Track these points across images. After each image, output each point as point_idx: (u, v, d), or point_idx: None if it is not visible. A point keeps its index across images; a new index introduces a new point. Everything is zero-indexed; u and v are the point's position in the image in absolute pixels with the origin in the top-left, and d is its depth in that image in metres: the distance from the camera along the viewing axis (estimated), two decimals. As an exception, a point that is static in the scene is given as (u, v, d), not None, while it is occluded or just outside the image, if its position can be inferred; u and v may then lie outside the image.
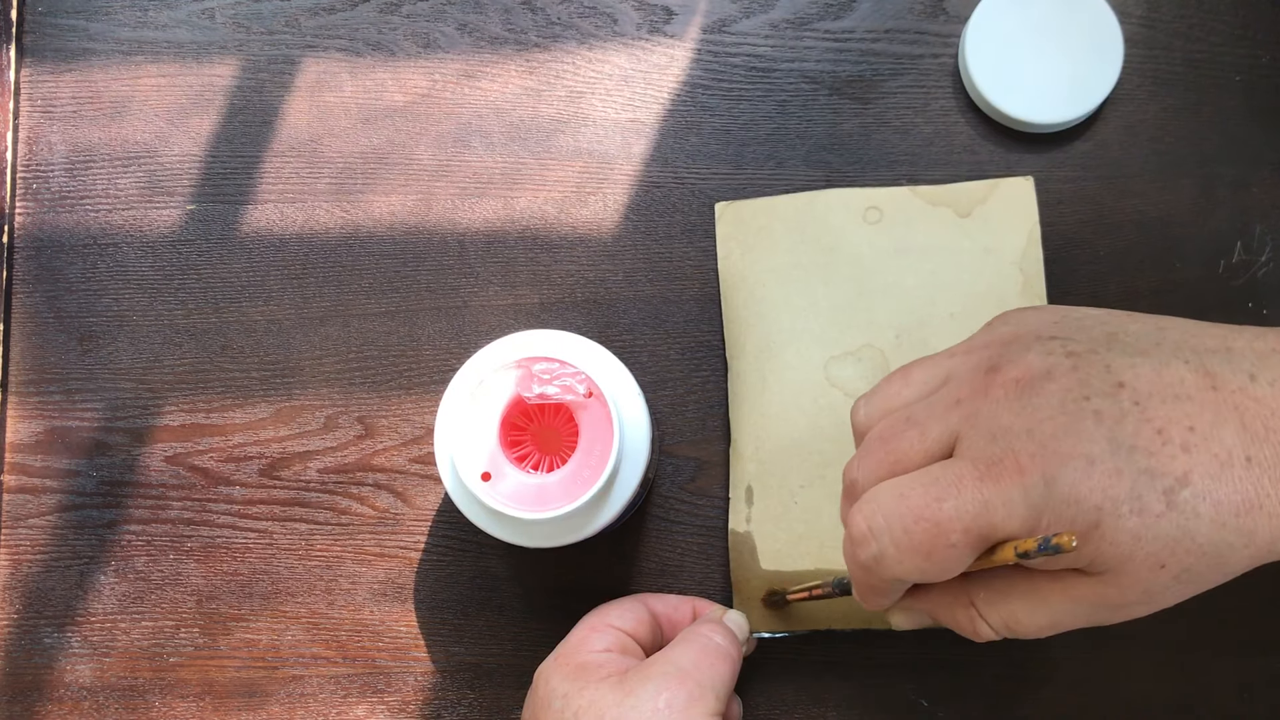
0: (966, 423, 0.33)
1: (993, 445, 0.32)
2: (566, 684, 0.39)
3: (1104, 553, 0.31)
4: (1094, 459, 0.31)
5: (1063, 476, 0.31)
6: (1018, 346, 0.34)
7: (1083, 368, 0.32)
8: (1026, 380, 0.33)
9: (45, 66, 0.52)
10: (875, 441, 0.36)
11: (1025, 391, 0.32)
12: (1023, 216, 0.47)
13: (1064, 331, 0.34)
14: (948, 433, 0.34)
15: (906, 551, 0.33)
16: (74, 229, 0.51)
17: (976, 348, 0.35)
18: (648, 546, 0.48)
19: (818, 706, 0.47)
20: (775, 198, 0.49)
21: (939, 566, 0.33)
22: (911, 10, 0.50)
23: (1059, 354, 0.33)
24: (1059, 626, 0.35)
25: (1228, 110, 0.49)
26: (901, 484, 0.33)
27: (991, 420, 0.32)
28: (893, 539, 0.33)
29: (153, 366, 0.50)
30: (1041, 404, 0.32)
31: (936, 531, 0.32)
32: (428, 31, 0.51)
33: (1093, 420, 0.31)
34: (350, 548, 0.49)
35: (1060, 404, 0.32)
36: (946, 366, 0.36)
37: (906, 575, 0.34)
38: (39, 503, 0.50)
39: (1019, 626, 0.35)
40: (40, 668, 0.49)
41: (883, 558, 0.33)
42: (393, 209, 0.50)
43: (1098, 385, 0.32)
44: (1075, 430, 0.31)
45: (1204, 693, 0.47)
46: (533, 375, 0.41)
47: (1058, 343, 0.33)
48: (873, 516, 0.34)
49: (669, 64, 0.51)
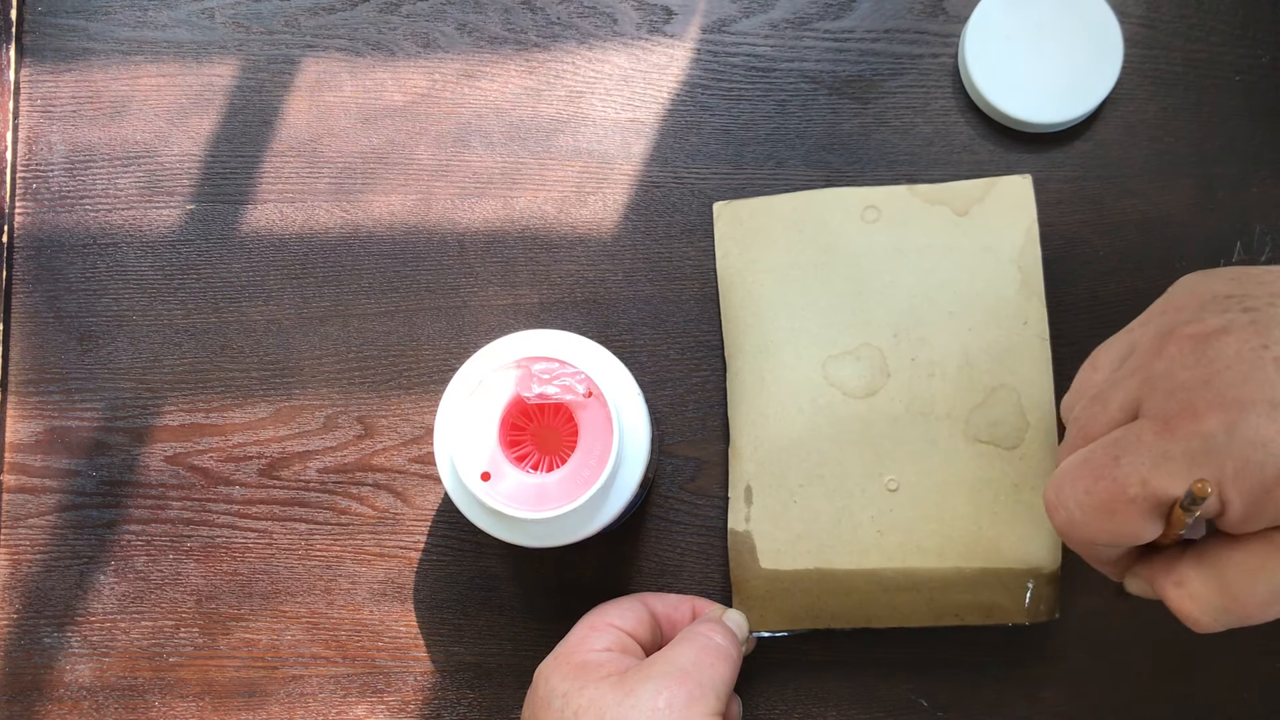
0: (1145, 385, 0.33)
1: (1171, 400, 0.32)
2: (566, 683, 0.39)
3: None
4: (1278, 404, 0.30)
5: (1246, 421, 0.30)
6: (1193, 308, 0.34)
7: (1261, 321, 0.32)
8: (1202, 336, 0.32)
9: (45, 66, 0.52)
10: (1072, 426, 0.36)
11: (1201, 346, 0.32)
12: (1020, 214, 0.47)
13: (1240, 289, 0.34)
14: (1129, 399, 0.33)
15: (1090, 512, 0.33)
16: (74, 229, 0.51)
17: (1154, 316, 0.35)
18: (648, 546, 0.48)
19: (818, 706, 0.47)
20: (773, 197, 0.49)
21: (1125, 526, 0.32)
22: (911, 10, 0.50)
23: (1236, 310, 0.33)
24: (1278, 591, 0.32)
25: (1228, 110, 0.49)
26: (1085, 450, 0.34)
27: (1168, 378, 0.32)
28: (1076, 501, 0.33)
29: (153, 366, 0.50)
30: (1218, 355, 0.31)
31: (1115, 487, 0.32)
32: (428, 31, 0.51)
33: (1274, 367, 0.31)
34: (350, 548, 0.49)
35: (1238, 353, 0.31)
36: (1128, 340, 0.36)
37: (1096, 537, 0.33)
38: (39, 503, 0.50)
39: (1237, 601, 0.33)
40: (40, 668, 0.49)
41: (1071, 521, 0.34)
42: (393, 209, 0.50)
43: (1278, 334, 0.31)
44: (1256, 377, 0.31)
45: (1204, 692, 0.47)
46: (532, 375, 0.41)
47: (1234, 300, 0.33)
48: (1059, 484, 0.34)
49: (669, 64, 0.51)
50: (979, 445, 0.46)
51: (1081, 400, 0.36)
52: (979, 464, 0.45)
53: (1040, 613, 0.45)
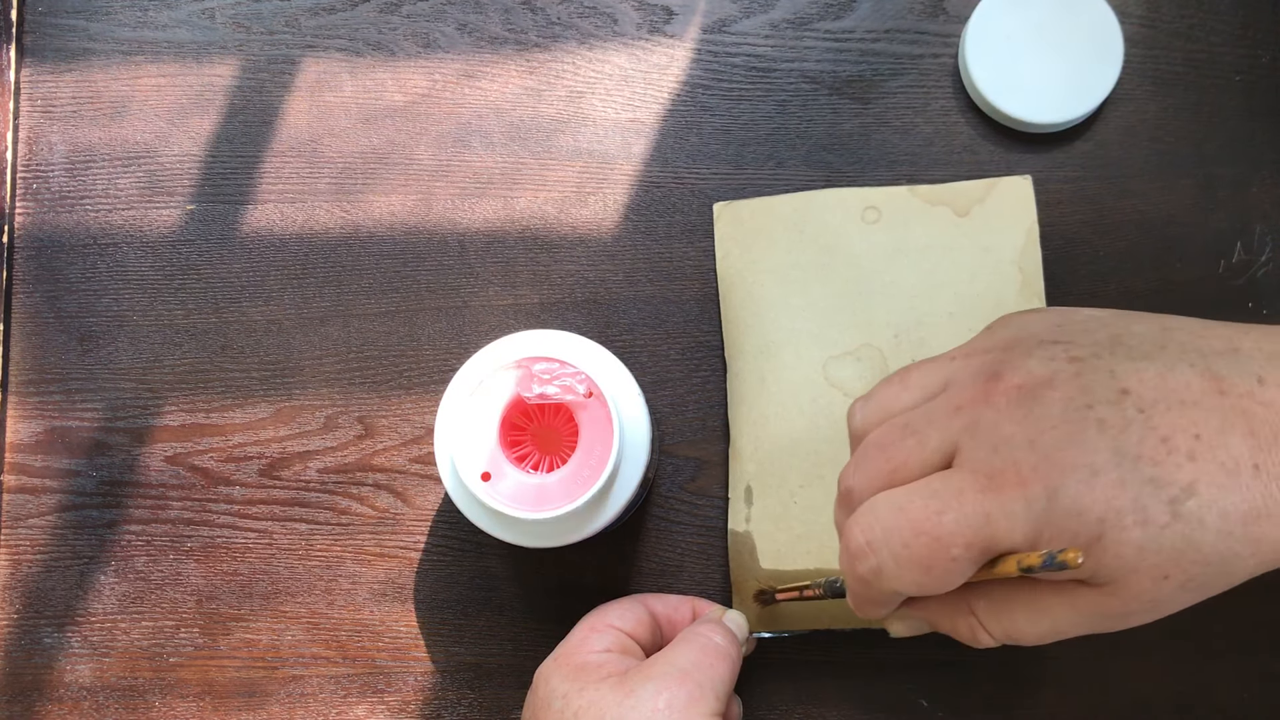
0: (966, 432, 0.32)
1: (994, 456, 0.31)
2: (566, 684, 0.39)
3: (1107, 565, 0.30)
4: (1097, 469, 0.30)
5: (1065, 488, 0.30)
6: (1019, 352, 0.33)
7: (1086, 374, 0.32)
8: (1028, 388, 0.32)
9: (45, 66, 0.52)
10: (872, 449, 0.35)
11: (1027, 400, 0.32)
12: (1021, 215, 0.47)
13: (1066, 335, 0.33)
14: (947, 442, 0.33)
15: (906, 566, 0.32)
16: (74, 229, 0.51)
17: (977, 352, 0.35)
18: (648, 546, 0.48)
19: (818, 706, 0.47)
20: (773, 198, 0.49)
21: (940, 580, 0.32)
22: (911, 10, 0.50)
23: (1061, 359, 0.32)
24: (1060, 635, 0.34)
25: (1228, 110, 0.49)
26: (900, 496, 0.33)
27: (993, 430, 0.32)
28: (892, 553, 0.32)
29: (153, 366, 0.50)
30: (1044, 413, 0.31)
31: (937, 546, 0.32)
32: (428, 31, 0.51)
33: (1096, 429, 0.31)
34: (350, 548, 0.49)
35: (1063, 413, 0.31)
36: (946, 371, 0.35)
37: (906, 589, 0.33)
38: (39, 503, 0.50)
39: (1019, 635, 0.35)
40: (40, 668, 0.49)
41: (882, 571, 0.33)
42: (393, 209, 0.50)
43: (1101, 393, 0.31)
44: (1078, 440, 0.31)
45: (1204, 693, 0.47)
46: (533, 375, 0.41)
47: (1060, 347, 0.33)
48: (870, 529, 0.33)
49: (669, 64, 0.51)
50: (979, 446, 0.46)
51: (886, 418, 0.36)
52: (979, 464, 0.45)
53: (1040, 613, 0.45)
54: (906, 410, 0.35)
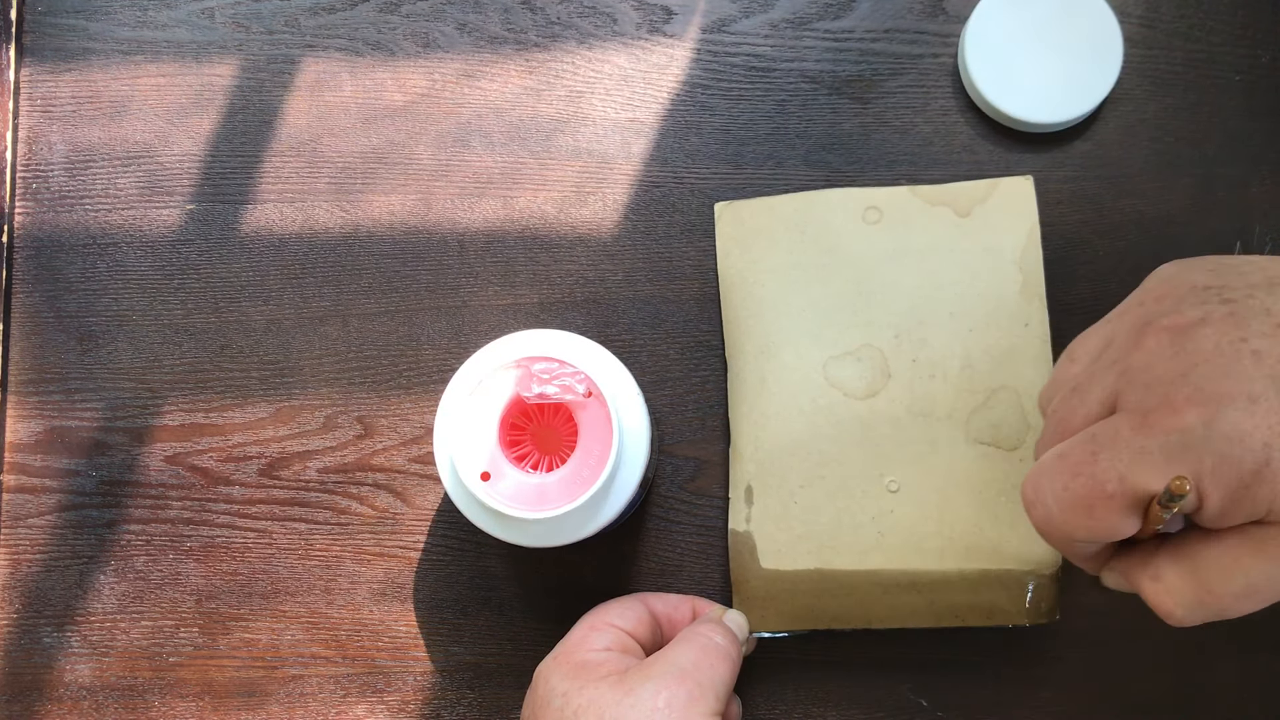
0: (1123, 378, 0.32)
1: (1148, 394, 0.31)
2: (566, 683, 0.39)
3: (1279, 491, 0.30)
4: (1256, 396, 0.30)
5: (1224, 416, 0.30)
6: (1171, 300, 0.33)
7: (1240, 311, 0.31)
8: (1180, 328, 0.32)
9: (45, 66, 0.52)
10: (1049, 419, 0.35)
11: (1178, 338, 0.31)
12: (1022, 216, 0.47)
13: (1219, 280, 0.33)
14: (1107, 393, 0.33)
15: (1068, 509, 0.33)
16: (74, 229, 0.51)
17: (1132, 307, 0.35)
18: (647, 546, 0.48)
19: (818, 706, 0.47)
20: (774, 198, 0.49)
21: (1103, 521, 0.32)
22: (911, 10, 0.50)
23: (1214, 302, 0.32)
24: (1258, 593, 0.32)
25: (1228, 110, 0.49)
26: (1063, 445, 0.33)
27: (1146, 371, 0.32)
28: (1055, 497, 0.33)
29: (153, 366, 0.50)
30: (1195, 348, 0.31)
31: (1093, 484, 0.32)
32: (427, 31, 0.51)
33: (1251, 360, 0.30)
34: (350, 548, 0.49)
35: (1216, 346, 0.31)
36: (1105, 332, 0.35)
37: (1074, 533, 0.33)
38: (39, 502, 0.50)
39: (1213, 594, 0.33)
40: (40, 667, 0.49)
41: (1050, 518, 0.33)
42: (392, 209, 0.50)
43: (1256, 326, 0.31)
44: (1234, 370, 0.30)
45: (1204, 693, 0.47)
46: (532, 375, 0.41)
47: (1213, 291, 0.32)
48: (1036, 479, 0.34)
49: (669, 64, 0.51)
50: (980, 446, 0.46)
51: (1060, 392, 0.36)
52: (980, 465, 0.45)
53: (1041, 614, 0.45)
54: (1076, 378, 0.35)
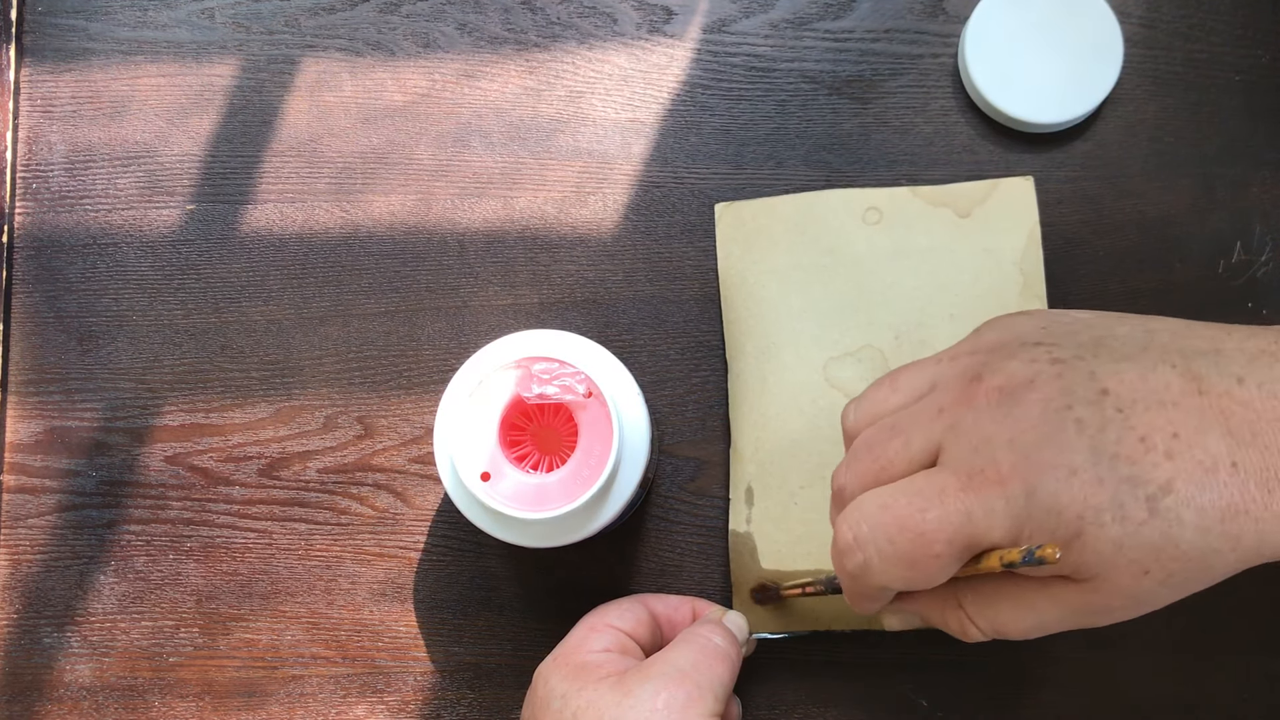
0: (950, 432, 0.33)
1: (975, 455, 0.32)
2: (565, 684, 0.39)
3: (1087, 561, 0.31)
4: (1075, 468, 0.31)
5: (1044, 486, 0.31)
6: (1002, 354, 0.34)
7: (1067, 375, 0.32)
8: (1009, 389, 0.33)
9: (45, 66, 0.52)
10: (862, 449, 0.36)
11: (1007, 400, 0.32)
12: (1023, 217, 0.47)
13: (1050, 337, 0.34)
14: (931, 442, 0.34)
15: (891, 561, 0.33)
16: (74, 229, 0.51)
17: (962, 354, 0.35)
18: (647, 546, 0.48)
19: (818, 706, 0.47)
20: (775, 198, 0.49)
21: (924, 575, 0.33)
22: (911, 10, 0.50)
23: (1043, 361, 0.33)
24: (1046, 629, 0.35)
25: (1228, 110, 0.49)
26: (885, 494, 0.34)
27: (974, 430, 0.33)
28: (878, 549, 0.33)
29: (153, 366, 0.50)
30: (1023, 413, 0.32)
31: (921, 542, 0.32)
32: (427, 31, 0.51)
33: (1074, 429, 0.31)
34: (350, 548, 0.49)
35: (1042, 413, 0.32)
36: (933, 373, 0.36)
37: (892, 584, 0.34)
38: (39, 503, 0.50)
39: (1006, 629, 0.35)
40: (40, 668, 0.49)
41: (868, 567, 0.34)
42: (393, 209, 0.50)
43: (1081, 393, 0.32)
44: (1057, 440, 0.31)
45: (1204, 693, 0.47)
46: (532, 375, 0.41)
47: (1043, 349, 0.33)
48: (858, 526, 0.34)
49: (669, 64, 0.51)
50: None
51: (875, 420, 0.37)
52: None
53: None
54: (895, 411, 0.36)
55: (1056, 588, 0.33)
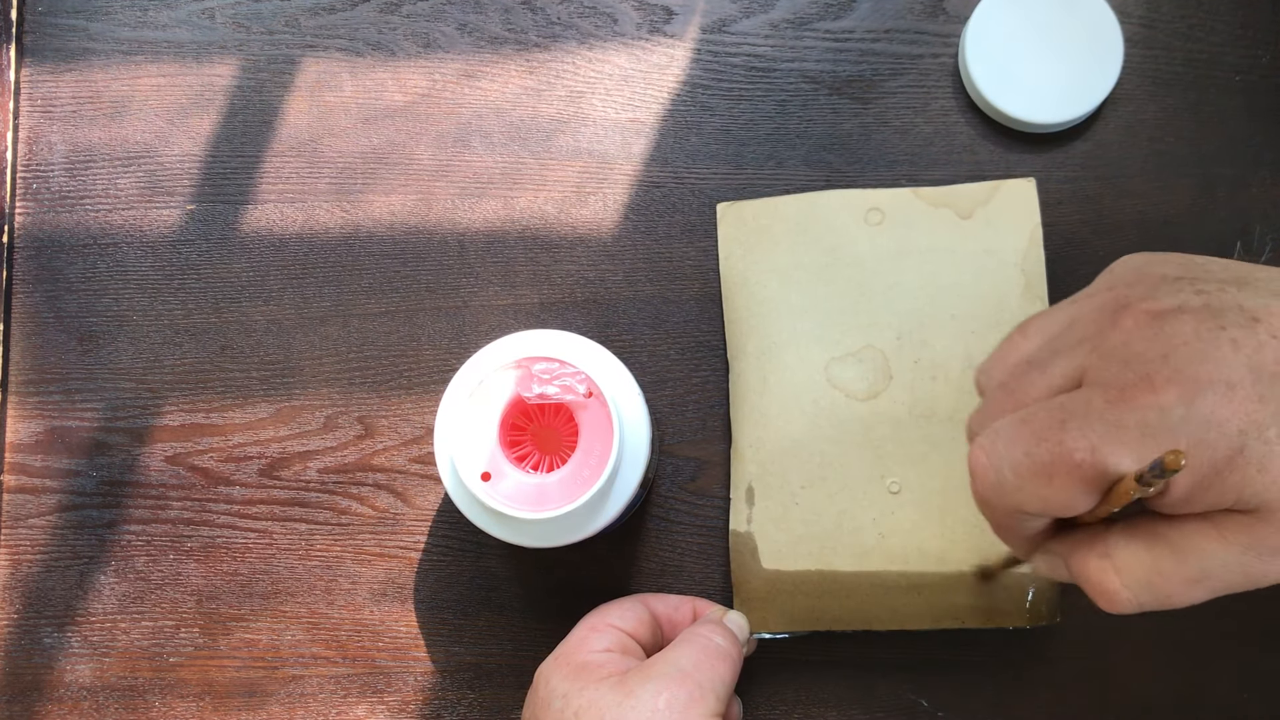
0: (1095, 354, 0.31)
1: (1126, 370, 0.30)
2: (566, 684, 0.39)
3: (1251, 481, 0.29)
4: (1234, 384, 0.29)
5: (1202, 399, 0.29)
6: (1145, 286, 0.32)
7: (1214, 304, 0.31)
8: (1158, 313, 0.31)
9: (45, 66, 0.52)
10: (997, 390, 0.34)
11: (1158, 320, 0.31)
12: (1024, 218, 0.47)
13: (1191, 273, 0.33)
14: (1074, 368, 0.32)
15: (1027, 476, 0.31)
16: (74, 229, 0.51)
17: (1100, 290, 0.34)
18: (648, 546, 0.48)
19: (818, 706, 0.47)
20: (777, 198, 0.49)
21: (1062, 493, 0.31)
22: (911, 10, 0.50)
23: (1189, 292, 0.32)
24: (1210, 580, 0.31)
25: (1228, 110, 0.49)
26: (1024, 412, 0.32)
27: (1124, 348, 0.31)
28: (1013, 463, 0.31)
29: (153, 366, 0.50)
30: (1175, 330, 0.30)
31: (1060, 451, 0.30)
32: (428, 31, 0.51)
33: (1230, 347, 0.30)
34: (350, 548, 0.49)
35: (1195, 332, 0.30)
36: (1068, 313, 0.34)
37: (1027, 503, 0.32)
38: (39, 503, 0.50)
39: (1163, 580, 0.31)
40: (40, 668, 0.49)
41: (1002, 485, 0.32)
42: (393, 209, 0.50)
43: (1233, 318, 0.30)
44: (1213, 356, 0.30)
45: (1204, 692, 0.47)
46: (532, 375, 0.41)
47: (1185, 282, 0.32)
48: (993, 444, 0.32)
49: (669, 64, 0.51)
50: (979, 446, 0.46)
51: (1005, 365, 0.34)
52: (979, 465, 0.45)
53: (1041, 616, 0.45)
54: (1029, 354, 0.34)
55: (1221, 522, 0.31)
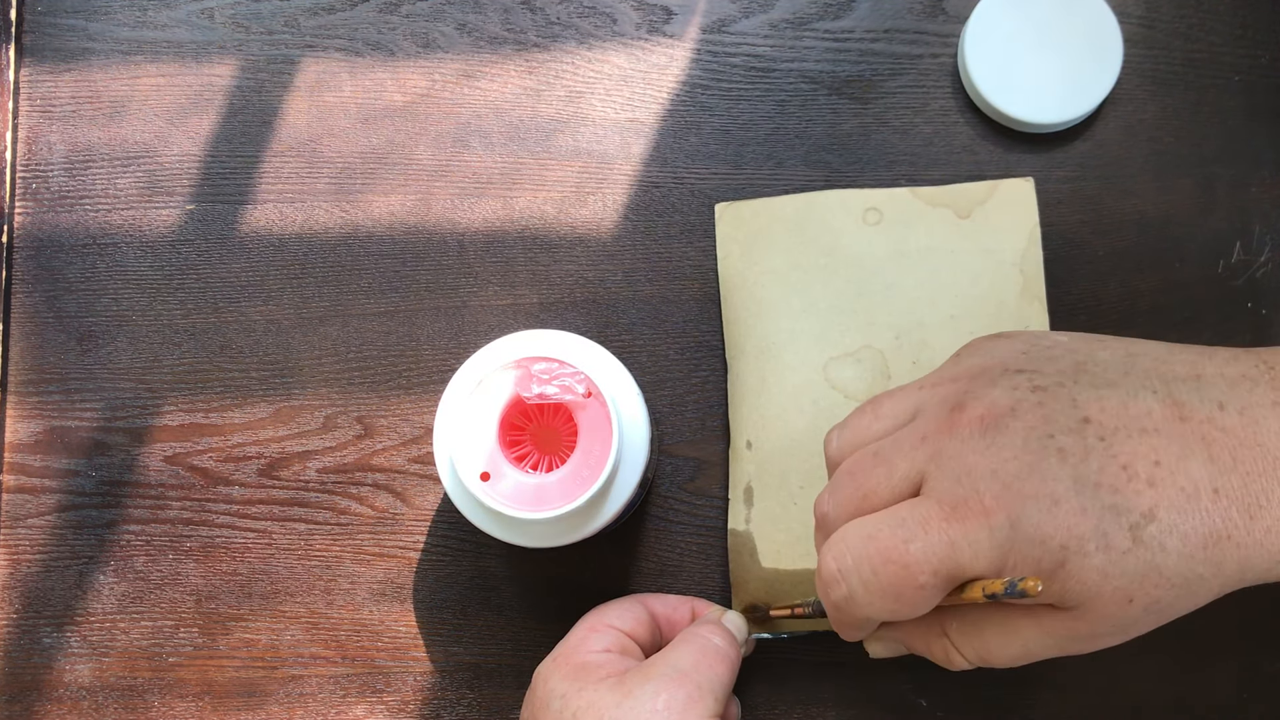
0: (932, 462, 0.33)
1: (958, 486, 0.32)
2: (565, 684, 0.39)
3: (1071, 590, 0.31)
4: (1058, 498, 0.31)
5: (1027, 516, 0.31)
6: (984, 381, 0.34)
7: (1048, 403, 0.32)
8: (991, 418, 0.33)
9: (45, 66, 0.52)
10: (845, 476, 0.36)
11: (989, 430, 0.32)
12: (1023, 218, 0.47)
13: (1031, 364, 0.34)
14: (914, 471, 0.34)
15: (875, 593, 0.33)
16: (74, 229, 0.51)
17: (945, 380, 0.35)
18: (647, 546, 0.48)
19: (818, 706, 0.47)
20: (775, 199, 0.49)
21: (909, 606, 0.33)
22: (911, 10, 0.50)
23: (1024, 389, 0.33)
24: (1031, 657, 0.35)
25: (1228, 110, 0.49)
26: (869, 524, 0.34)
27: (956, 460, 0.33)
28: (861, 580, 0.33)
29: (152, 366, 0.50)
30: (1005, 443, 0.32)
31: (905, 574, 0.32)
32: (427, 31, 0.51)
33: (1057, 459, 0.31)
34: (349, 548, 0.49)
35: (1024, 443, 0.32)
36: (915, 400, 0.36)
37: (877, 615, 0.34)
38: (38, 503, 0.50)
39: (991, 657, 0.35)
40: (40, 668, 0.49)
41: (853, 599, 0.34)
42: (392, 209, 0.50)
43: (1063, 421, 0.32)
44: (1039, 469, 0.31)
45: (1204, 693, 0.47)
46: (532, 375, 0.41)
47: (1024, 376, 0.33)
48: (842, 558, 0.34)
49: (668, 64, 0.51)
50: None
51: (857, 448, 0.37)
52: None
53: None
54: (878, 438, 0.36)
55: (1042, 615, 0.33)
